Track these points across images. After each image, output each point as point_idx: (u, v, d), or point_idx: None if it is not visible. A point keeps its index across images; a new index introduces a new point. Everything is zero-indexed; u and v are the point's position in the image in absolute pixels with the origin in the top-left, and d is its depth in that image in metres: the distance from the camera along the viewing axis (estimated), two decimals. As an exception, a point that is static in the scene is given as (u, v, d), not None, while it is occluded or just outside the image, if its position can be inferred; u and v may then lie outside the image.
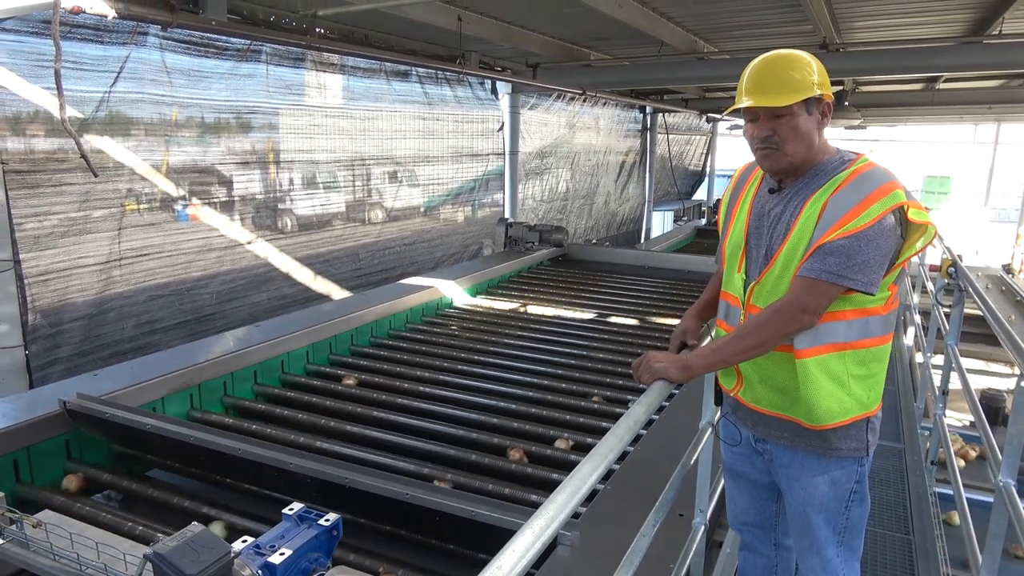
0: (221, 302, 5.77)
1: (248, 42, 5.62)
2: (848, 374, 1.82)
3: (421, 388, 3.86)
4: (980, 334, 8.13)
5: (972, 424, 5.10)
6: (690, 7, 6.21)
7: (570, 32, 7.36)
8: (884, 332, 1.86)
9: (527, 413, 3.56)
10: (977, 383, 6.48)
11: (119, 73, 4.77)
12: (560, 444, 3.22)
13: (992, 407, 5.76)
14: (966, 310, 3.81)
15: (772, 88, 1.80)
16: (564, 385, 3.92)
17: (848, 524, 1.94)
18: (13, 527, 1.83)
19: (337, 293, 6.84)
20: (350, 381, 3.95)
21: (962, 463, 4.05)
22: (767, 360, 1.89)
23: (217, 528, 2.44)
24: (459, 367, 4.18)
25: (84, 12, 3.65)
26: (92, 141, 4.68)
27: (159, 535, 1.87)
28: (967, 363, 3.43)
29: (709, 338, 2.19)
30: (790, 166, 1.87)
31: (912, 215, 1.72)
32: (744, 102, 1.83)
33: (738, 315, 1.96)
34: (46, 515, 1.85)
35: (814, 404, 1.82)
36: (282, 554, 1.53)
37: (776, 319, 1.79)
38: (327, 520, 1.67)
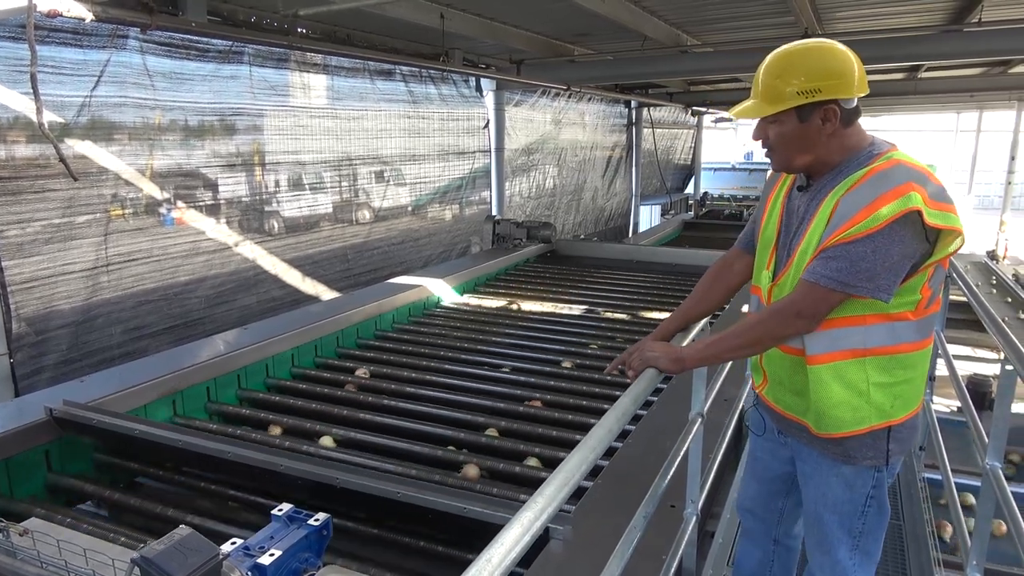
0: (210, 306, 5.73)
1: (230, 43, 5.58)
2: (868, 382, 1.72)
3: (408, 388, 3.84)
4: (966, 320, 8.20)
5: (959, 410, 5.14)
6: (672, 0, 6.21)
7: (553, 28, 7.35)
8: (918, 338, 1.75)
9: (515, 411, 3.56)
10: (964, 369, 6.53)
11: (100, 77, 4.72)
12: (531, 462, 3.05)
13: (979, 392, 5.81)
14: (952, 296, 3.84)
15: (757, 94, 1.75)
16: (553, 382, 3.92)
17: (864, 529, 1.88)
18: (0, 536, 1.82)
19: (326, 294, 6.82)
20: (362, 372, 4.03)
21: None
22: (786, 362, 1.86)
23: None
24: (448, 366, 4.17)
25: (61, 15, 3.61)
26: (75, 146, 4.63)
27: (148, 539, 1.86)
28: (954, 349, 3.45)
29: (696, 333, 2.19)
30: (792, 168, 1.82)
31: (929, 218, 1.57)
32: (732, 110, 1.82)
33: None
34: (33, 523, 1.83)
35: (823, 412, 1.76)
36: (272, 555, 1.52)
37: (770, 322, 1.75)
38: (317, 520, 1.66)
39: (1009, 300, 3.32)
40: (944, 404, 5.80)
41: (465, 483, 2.85)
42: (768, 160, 1.87)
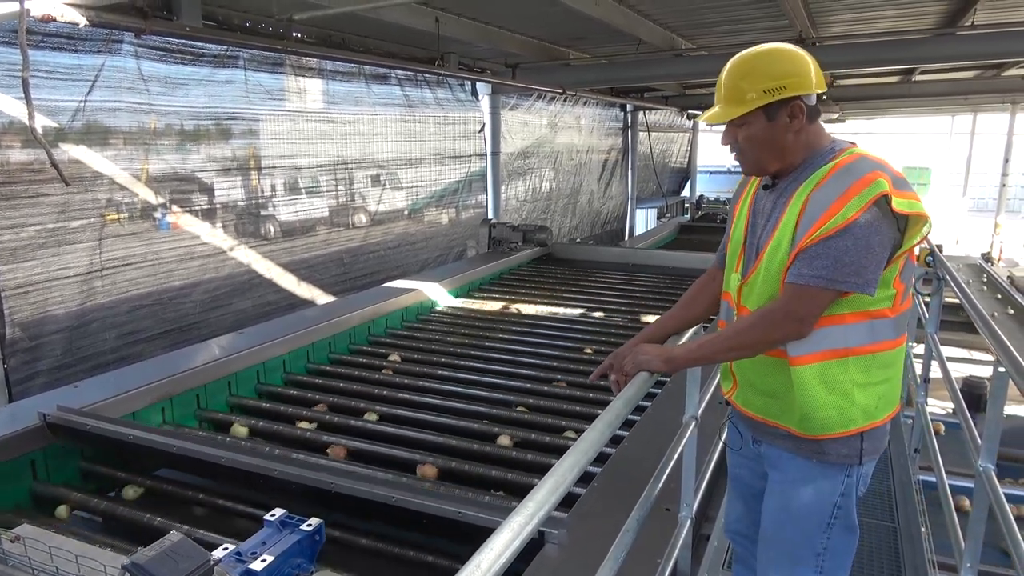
0: (205, 310, 5.71)
1: (225, 48, 5.58)
2: (852, 383, 1.72)
3: (405, 392, 3.85)
4: (962, 322, 8.23)
5: (954, 412, 5.16)
6: (667, 4, 6.23)
7: (548, 32, 7.36)
8: (894, 336, 1.76)
9: (513, 414, 3.56)
10: (960, 371, 6.54)
11: (94, 82, 4.70)
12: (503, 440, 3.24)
13: (974, 394, 5.81)
14: (947, 299, 3.85)
15: (723, 98, 1.78)
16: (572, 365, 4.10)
17: (829, 546, 1.82)
18: (-9, 543, 1.81)
19: (322, 298, 6.80)
20: (395, 357, 4.28)
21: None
22: (757, 364, 1.85)
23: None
24: (444, 369, 4.17)
25: (55, 21, 3.61)
26: (69, 151, 4.62)
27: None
28: (950, 351, 3.46)
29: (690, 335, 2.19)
30: (764, 171, 1.83)
31: (897, 205, 1.61)
32: (701, 116, 1.84)
33: (733, 315, 1.93)
34: (24, 529, 1.83)
35: (809, 414, 1.74)
36: (264, 561, 1.52)
37: (762, 325, 1.74)
38: (309, 525, 1.66)
39: (999, 297, 3.33)
40: (939, 407, 5.82)
41: (502, 451, 3.12)
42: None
